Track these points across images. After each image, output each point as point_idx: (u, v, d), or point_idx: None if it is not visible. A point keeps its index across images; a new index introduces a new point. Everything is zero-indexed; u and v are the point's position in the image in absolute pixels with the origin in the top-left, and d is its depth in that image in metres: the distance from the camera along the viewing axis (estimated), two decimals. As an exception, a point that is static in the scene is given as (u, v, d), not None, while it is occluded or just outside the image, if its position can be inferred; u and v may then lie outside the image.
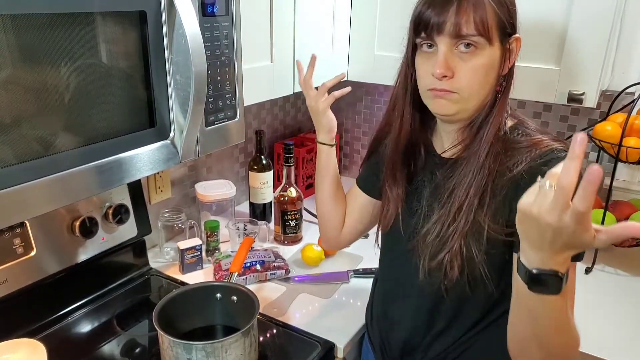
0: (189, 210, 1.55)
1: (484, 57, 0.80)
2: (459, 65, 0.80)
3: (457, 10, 0.78)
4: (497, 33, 0.80)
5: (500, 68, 0.83)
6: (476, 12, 0.78)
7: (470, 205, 0.83)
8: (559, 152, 0.79)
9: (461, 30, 0.78)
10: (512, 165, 0.81)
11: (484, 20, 0.78)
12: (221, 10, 0.95)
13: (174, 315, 1.02)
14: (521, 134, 0.85)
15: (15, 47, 0.69)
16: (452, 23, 0.78)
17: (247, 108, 1.55)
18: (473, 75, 0.81)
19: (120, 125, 0.86)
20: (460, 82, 0.81)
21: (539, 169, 0.77)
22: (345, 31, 1.52)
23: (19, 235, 1.06)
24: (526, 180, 0.78)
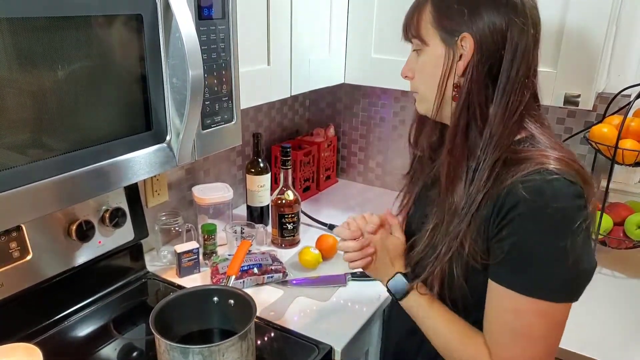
0: (186, 214, 1.54)
1: (424, 56, 0.84)
2: (415, 68, 0.87)
3: (408, 14, 0.86)
4: (435, 33, 0.80)
5: (449, 69, 0.80)
6: (413, 15, 0.84)
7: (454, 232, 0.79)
8: (546, 173, 0.72)
9: (406, 34, 0.86)
10: (503, 179, 0.76)
11: (416, 22, 0.83)
12: (218, 13, 0.95)
13: (171, 319, 1.01)
14: (527, 147, 0.78)
15: (11, 50, 0.69)
16: (403, 27, 0.87)
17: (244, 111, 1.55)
18: (419, 74, 0.86)
19: (116, 128, 0.85)
20: (415, 81, 0.87)
21: (516, 185, 0.73)
22: (342, 34, 1.52)
23: (15, 239, 1.05)
24: (503, 194, 0.74)
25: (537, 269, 0.73)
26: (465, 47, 0.77)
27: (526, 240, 0.73)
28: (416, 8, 0.84)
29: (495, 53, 0.76)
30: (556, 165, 0.73)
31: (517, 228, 0.73)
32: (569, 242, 0.71)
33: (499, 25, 0.76)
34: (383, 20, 1.47)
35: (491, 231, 0.76)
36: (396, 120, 1.94)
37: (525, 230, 0.73)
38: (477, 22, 0.76)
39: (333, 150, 2.03)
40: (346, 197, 1.96)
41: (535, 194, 0.71)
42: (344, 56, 1.55)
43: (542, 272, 0.73)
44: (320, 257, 1.42)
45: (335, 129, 2.05)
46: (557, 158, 0.75)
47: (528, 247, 0.73)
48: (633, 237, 1.40)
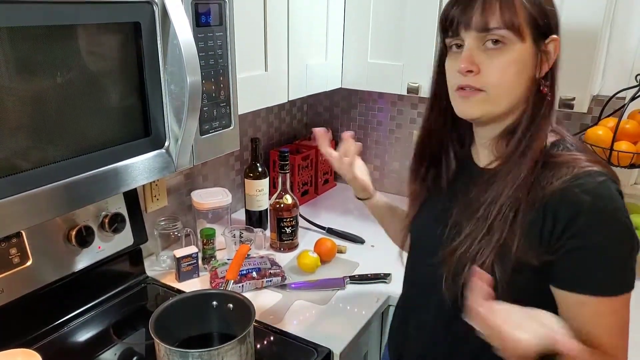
0: (185, 219, 1.55)
1: (513, 53, 0.76)
2: (487, 62, 0.77)
3: (483, 4, 0.76)
4: (528, 30, 0.76)
5: (534, 70, 0.78)
6: (504, 6, 0.75)
7: (505, 218, 0.78)
8: (596, 175, 0.74)
9: (488, 23, 0.75)
10: (545, 182, 0.76)
11: (512, 14, 0.75)
12: (215, 20, 0.96)
13: (171, 324, 1.02)
14: (562, 150, 0.79)
15: (10, 58, 0.70)
16: (478, 16, 0.76)
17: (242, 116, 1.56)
18: (501, 73, 0.77)
19: (115, 134, 0.86)
20: (487, 79, 0.78)
21: (570, 189, 0.74)
22: (339, 39, 1.53)
23: (15, 245, 1.06)
24: (557, 201, 0.74)
25: (620, 268, 0.75)
26: (551, 49, 0.78)
27: (602, 246, 0.74)
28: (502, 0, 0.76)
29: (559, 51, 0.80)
30: (598, 168, 0.75)
31: (590, 236, 0.73)
32: (630, 235, 0.74)
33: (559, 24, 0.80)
34: (379, 25, 1.48)
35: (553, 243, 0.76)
36: (393, 124, 1.95)
37: (599, 236, 0.73)
38: (556, 21, 0.79)
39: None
40: (344, 200, 1.97)
41: (596, 198, 0.72)
42: (340, 61, 1.56)
43: (623, 269, 0.75)
44: (318, 261, 1.43)
45: (332, 133, 2.05)
46: (593, 160, 0.77)
47: (606, 251, 0.74)
48: (629, 238, 1.41)
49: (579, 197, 0.72)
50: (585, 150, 0.80)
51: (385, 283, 1.38)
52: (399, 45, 1.45)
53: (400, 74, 1.47)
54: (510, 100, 0.79)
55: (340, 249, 1.54)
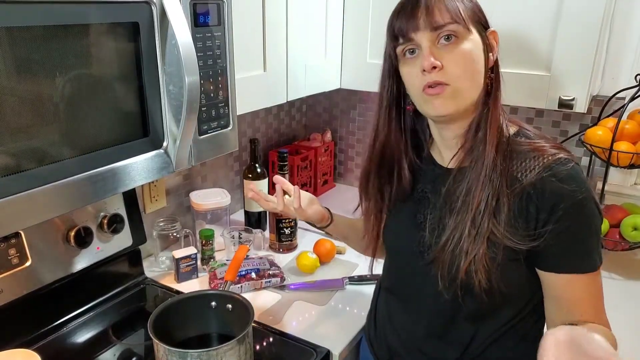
0: (184, 219, 1.55)
1: (467, 44, 0.81)
2: (446, 57, 0.80)
3: (426, 6, 0.81)
4: (472, 23, 0.82)
5: (485, 59, 0.83)
6: (446, 3, 0.81)
7: (489, 207, 0.82)
8: (565, 162, 0.80)
9: (437, 21, 0.80)
10: (520, 174, 0.82)
11: (455, 9, 0.80)
12: (213, 20, 0.96)
13: (170, 324, 1.02)
14: (523, 139, 0.86)
15: (10, 58, 0.70)
16: (425, 17, 0.80)
17: (241, 117, 1.56)
18: (462, 63, 0.80)
19: (113, 134, 0.86)
20: (452, 72, 0.80)
21: (548, 179, 0.79)
22: (338, 40, 1.53)
23: (14, 246, 1.06)
24: (538, 191, 0.80)
25: (598, 242, 0.83)
26: (492, 41, 0.85)
27: (582, 226, 0.81)
28: None
29: None
30: (562, 154, 0.82)
31: (572, 219, 0.80)
32: (599, 211, 0.82)
33: None
34: (378, 25, 1.48)
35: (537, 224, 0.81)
36: (393, 125, 1.95)
37: (579, 219, 0.80)
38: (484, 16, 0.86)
39: (330, 155, 2.04)
40: (344, 201, 1.96)
41: (572, 183, 0.79)
42: (339, 61, 1.56)
43: (597, 243, 0.83)
44: (317, 262, 1.43)
45: (332, 133, 2.06)
46: (554, 146, 0.84)
47: (586, 232, 0.81)
48: (629, 239, 1.41)
49: (557, 185, 0.79)
50: (544, 137, 0.86)
51: (384, 284, 1.38)
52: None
53: (399, 74, 1.47)
54: (475, 89, 0.83)
55: (340, 249, 1.53)
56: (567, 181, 0.79)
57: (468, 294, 0.86)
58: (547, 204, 0.79)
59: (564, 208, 0.79)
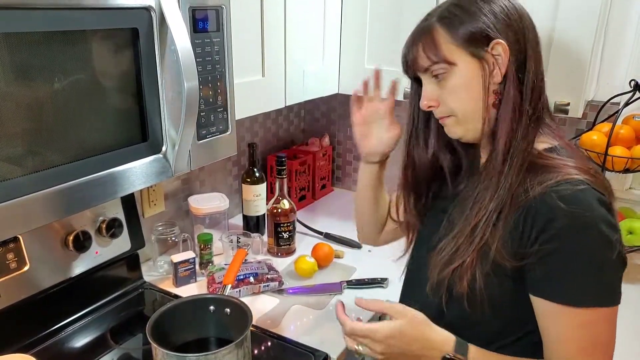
0: (182, 224, 1.55)
1: (455, 77, 0.80)
2: (442, 93, 0.83)
3: (412, 47, 0.83)
4: (461, 50, 0.79)
5: (486, 79, 0.79)
6: (425, 44, 0.81)
7: (488, 220, 0.79)
8: (576, 182, 0.74)
9: (421, 65, 0.83)
10: (529, 186, 0.77)
11: (434, 50, 0.80)
12: (212, 26, 0.97)
13: (168, 328, 1.02)
14: (552, 156, 0.80)
15: (9, 64, 0.70)
16: (412, 60, 0.84)
17: (239, 121, 1.56)
18: (454, 97, 0.82)
19: (113, 139, 0.87)
20: (448, 106, 0.83)
21: (549, 195, 0.74)
22: (336, 45, 1.54)
23: (12, 250, 1.06)
24: (537, 206, 0.75)
25: (592, 279, 0.74)
26: (498, 53, 0.78)
27: (574, 253, 0.73)
28: (422, 35, 0.82)
29: (521, 51, 0.79)
30: (583, 176, 0.75)
31: (562, 242, 0.73)
32: (612, 246, 0.73)
33: (517, 23, 0.79)
34: (376, 31, 1.49)
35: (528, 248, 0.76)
36: (390, 130, 1.96)
37: (571, 243, 0.73)
38: (498, 26, 0.78)
39: (328, 160, 2.04)
40: (342, 205, 1.97)
41: (571, 204, 0.72)
42: (337, 67, 1.57)
43: (596, 280, 0.74)
44: (316, 266, 1.43)
45: (330, 138, 2.07)
46: (581, 168, 0.77)
47: (577, 259, 0.73)
48: (625, 243, 1.41)
49: (555, 202, 0.73)
50: (577, 157, 0.80)
51: (382, 288, 1.39)
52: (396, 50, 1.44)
53: (396, 79, 1.48)
54: (476, 114, 0.81)
55: (338, 254, 1.54)
56: (568, 200, 0.72)
57: (452, 300, 0.85)
58: (540, 221, 0.74)
59: (556, 227, 0.73)
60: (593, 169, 0.78)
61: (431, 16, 0.83)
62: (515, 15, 0.79)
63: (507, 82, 0.79)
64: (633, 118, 1.44)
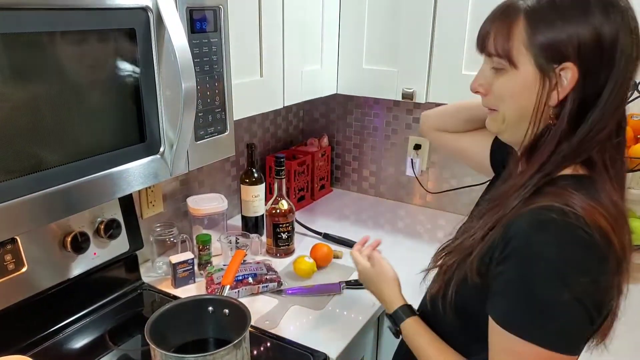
0: (180, 225, 1.55)
1: (509, 80, 0.73)
2: (494, 84, 0.76)
3: (488, 25, 0.75)
4: (529, 56, 0.70)
5: (539, 97, 0.71)
6: (498, 32, 0.72)
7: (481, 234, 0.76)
8: (552, 209, 0.66)
9: (488, 49, 0.75)
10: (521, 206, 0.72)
11: (504, 42, 0.71)
12: (210, 26, 0.97)
13: (166, 329, 1.02)
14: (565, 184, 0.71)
15: (6, 65, 0.70)
16: (481, 40, 0.76)
17: (238, 122, 1.56)
18: (502, 97, 0.76)
19: (110, 140, 0.87)
20: (494, 100, 0.77)
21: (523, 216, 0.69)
22: (334, 46, 1.54)
23: (10, 252, 1.06)
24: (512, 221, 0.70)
25: (535, 312, 0.67)
26: (565, 77, 0.69)
27: (521, 278, 0.67)
28: (503, 20, 0.72)
29: (597, 83, 0.68)
30: (577, 210, 0.65)
31: (512, 263, 0.68)
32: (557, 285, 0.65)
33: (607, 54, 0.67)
34: (374, 31, 1.49)
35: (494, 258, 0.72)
36: (389, 130, 1.96)
37: (519, 268, 0.68)
38: (582, 49, 0.67)
39: (327, 160, 2.04)
40: (340, 206, 1.97)
41: (533, 229, 0.67)
42: (336, 67, 1.57)
43: (540, 316, 0.66)
44: (314, 266, 1.43)
45: (329, 138, 2.07)
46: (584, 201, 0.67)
47: (523, 286, 0.67)
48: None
49: (522, 225, 0.68)
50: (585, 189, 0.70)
51: (381, 288, 1.39)
52: (394, 51, 1.46)
53: (395, 79, 1.48)
54: (516, 123, 0.75)
55: (337, 254, 1.54)
56: (535, 226, 0.67)
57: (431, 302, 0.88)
58: (503, 240, 0.70)
59: (510, 248, 0.68)
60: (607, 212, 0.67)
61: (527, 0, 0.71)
62: (610, 39, 0.66)
63: (563, 110, 0.70)
64: (632, 117, 1.44)
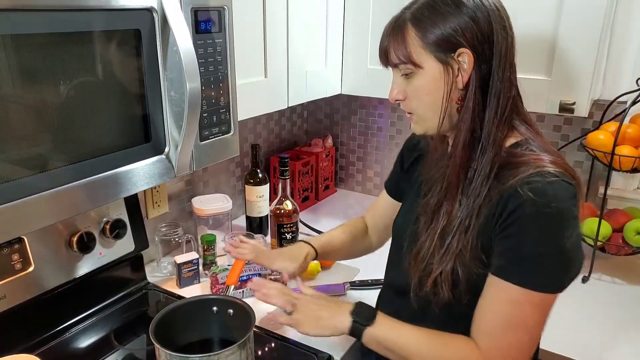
0: (185, 225, 1.56)
1: (419, 79, 0.83)
2: (407, 90, 0.86)
3: (383, 44, 0.86)
4: (428, 54, 0.81)
5: (449, 85, 0.82)
6: (395, 43, 0.83)
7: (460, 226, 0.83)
8: (546, 175, 0.77)
9: (391, 60, 0.85)
10: (505, 180, 0.80)
11: (403, 49, 0.82)
12: (215, 27, 0.97)
13: (171, 329, 1.02)
14: (523, 150, 0.83)
15: (14, 66, 0.70)
16: (383, 55, 0.86)
17: (242, 123, 1.56)
18: (415, 97, 0.85)
19: (116, 140, 0.87)
20: (411, 103, 0.87)
21: (520, 187, 0.77)
22: (338, 46, 1.54)
23: (17, 251, 1.06)
24: (508, 194, 0.78)
25: (537, 264, 0.78)
26: (464, 61, 0.80)
27: (529, 237, 0.77)
28: (395, 33, 0.84)
29: (487, 60, 0.81)
30: (554, 168, 0.78)
31: (522, 226, 0.77)
32: (566, 239, 0.76)
33: (486, 33, 0.80)
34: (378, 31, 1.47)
35: (495, 230, 0.80)
36: (393, 130, 1.96)
37: (529, 228, 0.77)
38: (467, 34, 0.79)
39: (331, 160, 2.04)
40: (345, 206, 1.97)
41: (539, 195, 0.75)
42: (340, 67, 1.57)
43: (540, 266, 0.78)
44: (319, 267, 1.43)
45: (333, 139, 2.07)
46: (553, 161, 0.80)
47: (530, 244, 0.77)
48: (632, 243, 1.41)
49: (524, 192, 0.76)
50: (550, 152, 0.83)
51: (386, 288, 1.38)
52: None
53: (400, 79, 1.48)
54: (435, 117, 0.84)
55: (341, 254, 1.53)
56: (538, 192, 0.76)
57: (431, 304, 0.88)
58: (509, 209, 0.77)
59: (521, 214, 0.76)
60: (563, 161, 0.82)
61: (406, 11, 0.84)
62: (484, 21, 0.79)
63: (469, 90, 0.81)
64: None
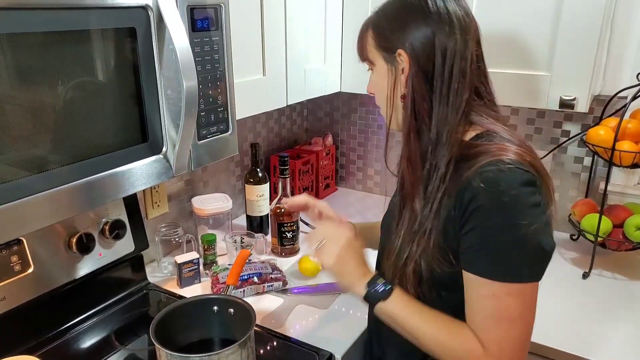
0: (186, 225, 1.55)
1: (375, 76, 0.93)
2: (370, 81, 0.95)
3: (358, 41, 0.95)
4: (378, 53, 0.89)
5: (393, 83, 0.88)
6: (359, 41, 0.94)
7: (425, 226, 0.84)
8: (501, 163, 0.77)
9: (360, 57, 0.96)
10: (463, 171, 0.80)
11: (362, 48, 0.93)
12: (211, 25, 0.97)
13: (172, 329, 1.02)
14: (484, 141, 0.83)
15: (10, 65, 0.70)
16: (358, 51, 0.96)
17: (242, 121, 1.56)
18: (375, 92, 0.94)
19: (113, 140, 0.87)
20: (375, 98, 0.95)
21: (475, 177, 0.77)
22: (337, 43, 1.53)
23: (16, 253, 1.06)
24: (464, 185, 0.79)
25: (501, 255, 0.78)
26: (402, 61, 0.85)
27: (488, 229, 0.78)
28: (362, 34, 0.93)
29: (428, 61, 0.83)
30: (510, 157, 0.78)
31: (479, 219, 0.78)
32: (527, 226, 0.76)
33: (426, 36, 0.83)
34: (377, 28, 1.48)
35: (456, 226, 0.81)
36: (394, 128, 1.95)
37: (486, 220, 0.77)
38: (407, 37, 0.84)
39: (331, 159, 2.04)
40: (346, 205, 1.97)
41: (491, 184, 0.76)
42: (339, 65, 1.56)
43: (505, 257, 0.78)
44: (320, 265, 1.42)
45: (333, 137, 2.06)
46: (512, 151, 0.80)
47: (491, 235, 0.78)
48: (633, 238, 1.40)
49: (477, 183, 0.77)
50: (515, 141, 0.83)
51: (387, 286, 1.38)
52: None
53: (399, 76, 1.47)
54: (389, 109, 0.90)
55: (342, 253, 1.53)
56: (490, 181, 0.76)
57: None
58: (465, 201, 0.78)
59: (475, 207, 0.77)
60: (524, 150, 0.81)
61: (372, 14, 0.92)
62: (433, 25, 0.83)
63: (409, 89, 0.85)
64: (640, 112, 1.42)
